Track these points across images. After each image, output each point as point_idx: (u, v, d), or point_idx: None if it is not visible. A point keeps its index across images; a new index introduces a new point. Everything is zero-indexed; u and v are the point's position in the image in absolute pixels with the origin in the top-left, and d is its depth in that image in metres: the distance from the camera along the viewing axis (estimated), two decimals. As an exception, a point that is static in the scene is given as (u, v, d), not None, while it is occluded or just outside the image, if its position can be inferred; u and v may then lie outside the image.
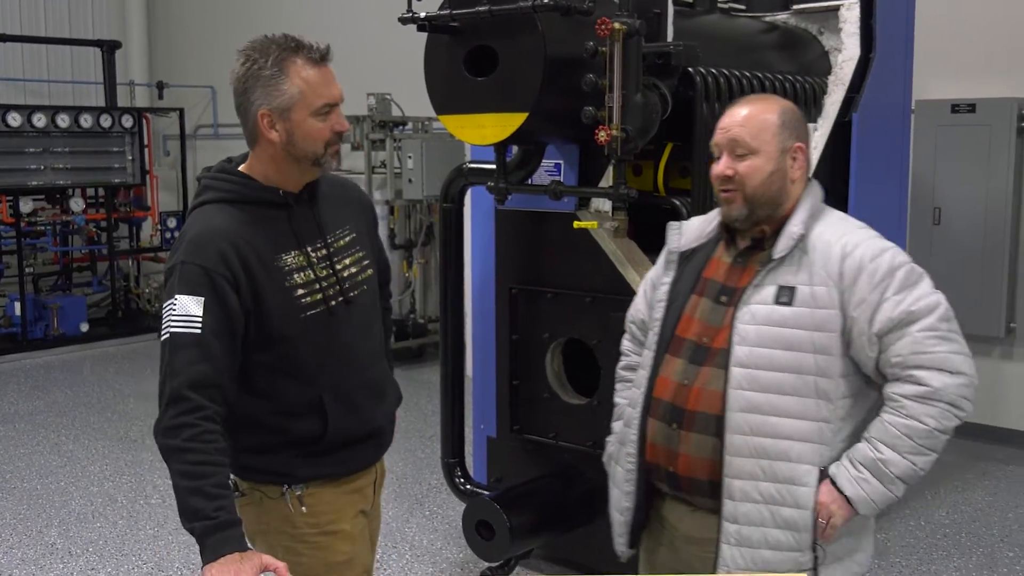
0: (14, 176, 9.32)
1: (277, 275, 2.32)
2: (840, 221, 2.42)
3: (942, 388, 2.21)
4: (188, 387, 2.16)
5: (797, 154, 2.37)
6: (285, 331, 2.32)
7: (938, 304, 2.26)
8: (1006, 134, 6.20)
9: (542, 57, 3.55)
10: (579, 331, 4.26)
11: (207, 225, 2.29)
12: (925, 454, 2.23)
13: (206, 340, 2.19)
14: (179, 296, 2.21)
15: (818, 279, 2.29)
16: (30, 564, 4.81)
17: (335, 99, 2.32)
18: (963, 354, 2.25)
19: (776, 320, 2.29)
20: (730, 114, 2.38)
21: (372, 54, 9.60)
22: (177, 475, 2.16)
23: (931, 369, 2.21)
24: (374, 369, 2.54)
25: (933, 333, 2.22)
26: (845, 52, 4.68)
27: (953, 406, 2.22)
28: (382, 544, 4.98)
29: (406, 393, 2.85)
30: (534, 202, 4.23)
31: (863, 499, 2.24)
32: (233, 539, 2.14)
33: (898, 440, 2.22)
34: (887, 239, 2.43)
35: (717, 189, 2.39)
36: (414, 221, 8.86)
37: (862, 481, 2.23)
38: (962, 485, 5.78)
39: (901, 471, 2.23)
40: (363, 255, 2.53)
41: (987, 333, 6.42)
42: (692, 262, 2.50)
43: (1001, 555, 4.84)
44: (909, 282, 2.27)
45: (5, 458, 6.42)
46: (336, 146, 2.36)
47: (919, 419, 2.21)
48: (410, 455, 6.37)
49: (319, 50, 2.30)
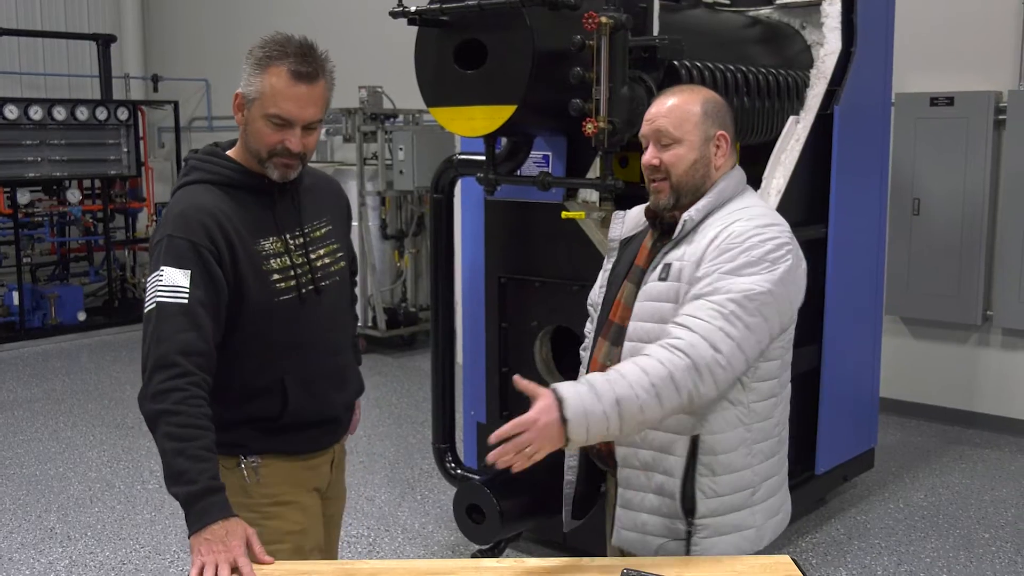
0: (11, 168, 9.29)
1: (256, 258, 2.34)
2: (741, 210, 2.32)
3: (693, 346, 2.09)
4: (177, 353, 2.16)
5: (720, 142, 2.34)
6: (257, 313, 2.34)
7: (746, 289, 2.15)
8: (983, 126, 6.22)
9: (530, 50, 3.55)
10: (566, 319, 4.26)
11: (192, 202, 2.31)
12: (650, 393, 2.06)
13: (193, 309, 2.20)
14: (165, 268, 2.22)
15: (687, 256, 2.27)
16: (30, 548, 4.80)
17: (291, 116, 2.27)
18: (733, 340, 2.12)
19: (653, 295, 2.31)
20: (656, 105, 2.38)
21: (364, 48, 9.57)
22: (164, 438, 2.15)
23: (692, 332, 2.12)
24: (338, 358, 2.56)
25: (717, 308, 2.13)
26: (827, 46, 4.69)
27: (696, 369, 2.09)
28: (374, 527, 5.00)
29: (398, 380, 2.87)
30: (523, 193, 4.23)
31: (574, 401, 2.01)
32: (217, 506, 2.13)
33: (633, 369, 2.09)
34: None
35: (647, 179, 2.39)
36: (405, 212, 8.85)
37: (582, 391, 2.05)
38: (940, 468, 5.81)
39: (622, 395, 2.04)
40: (337, 247, 2.56)
41: (964, 321, 6.46)
42: (629, 249, 2.53)
43: (977, 536, 4.88)
44: (743, 271, 2.18)
45: (4, 445, 6.41)
46: (283, 159, 2.32)
47: (660, 359, 2.09)
48: (402, 440, 6.38)
49: (304, 68, 2.27)
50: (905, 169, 6.50)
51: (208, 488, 2.12)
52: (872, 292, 5.29)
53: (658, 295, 2.30)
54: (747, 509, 2.30)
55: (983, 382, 6.55)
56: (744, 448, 2.28)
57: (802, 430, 4.89)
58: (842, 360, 4.98)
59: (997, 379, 6.49)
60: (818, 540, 4.84)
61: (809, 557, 4.63)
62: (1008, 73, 6.24)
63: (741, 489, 2.29)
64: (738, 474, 2.28)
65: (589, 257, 4.05)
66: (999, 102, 6.23)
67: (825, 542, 4.82)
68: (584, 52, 3.54)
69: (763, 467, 2.32)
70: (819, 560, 4.61)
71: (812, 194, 4.75)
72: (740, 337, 2.13)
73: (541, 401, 2.03)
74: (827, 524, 5.03)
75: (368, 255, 8.66)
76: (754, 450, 2.29)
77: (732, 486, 2.28)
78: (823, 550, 4.73)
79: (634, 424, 2.10)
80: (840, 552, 4.71)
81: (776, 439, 2.36)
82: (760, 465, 2.32)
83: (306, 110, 2.29)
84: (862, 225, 5.05)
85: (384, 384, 7.77)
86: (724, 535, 2.28)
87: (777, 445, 2.37)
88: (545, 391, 2.05)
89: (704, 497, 2.27)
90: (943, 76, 6.43)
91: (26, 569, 4.57)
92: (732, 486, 2.28)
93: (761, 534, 2.33)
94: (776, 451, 2.36)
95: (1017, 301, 6.21)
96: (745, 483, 2.29)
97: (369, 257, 8.67)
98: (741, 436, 2.27)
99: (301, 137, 2.31)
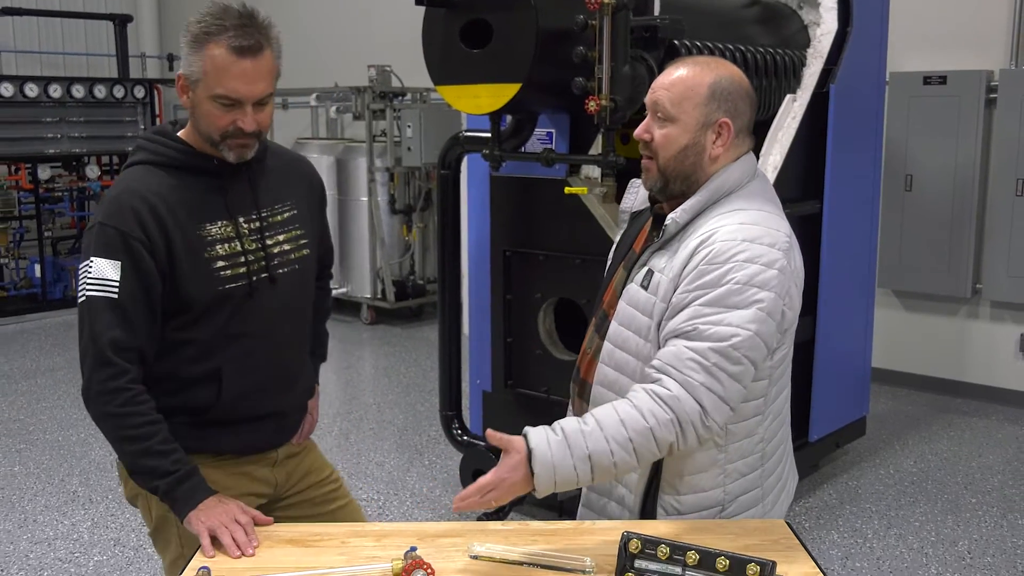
0: (32, 144, 9.27)
1: (197, 244, 2.12)
2: (731, 213, 2.00)
3: (677, 400, 1.89)
4: (110, 350, 2.04)
5: (721, 130, 2.02)
6: (197, 300, 2.13)
7: (729, 336, 1.89)
8: (975, 105, 6.18)
9: (534, 30, 3.53)
10: (569, 291, 4.26)
11: (128, 187, 2.11)
12: (626, 448, 1.88)
13: (123, 304, 2.05)
14: (95, 259, 2.06)
15: (668, 268, 2.01)
16: (53, 511, 4.84)
17: (239, 95, 2.05)
18: (715, 394, 1.90)
19: (633, 300, 2.08)
20: (665, 73, 2.08)
21: (373, 28, 9.52)
22: (120, 441, 2.08)
23: (676, 383, 1.91)
24: (288, 351, 2.32)
25: (699, 360, 1.90)
26: (823, 26, 4.65)
27: (679, 424, 1.89)
28: (384, 491, 5.02)
29: (406, 350, 2.83)
30: (527, 169, 4.22)
31: (543, 454, 1.87)
32: (201, 486, 2.08)
33: (610, 420, 1.90)
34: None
35: (640, 153, 2.11)
36: (413, 187, 8.83)
37: (553, 440, 1.89)
38: (929, 436, 5.82)
39: (595, 449, 1.88)
40: (301, 234, 2.31)
41: (954, 294, 6.45)
42: (635, 225, 2.28)
43: (964, 501, 4.89)
44: (726, 302, 1.91)
45: (29, 411, 6.44)
46: (238, 139, 2.10)
47: (642, 412, 1.89)
48: (410, 408, 6.40)
49: (246, 41, 2.03)
50: (898, 146, 6.47)
51: (186, 473, 2.07)
52: (865, 266, 5.28)
53: (637, 303, 2.07)
54: (708, 467, 2.07)
55: (972, 353, 6.55)
56: (716, 469, 2.06)
57: (796, 398, 4.88)
58: (836, 331, 4.97)
59: (985, 350, 6.48)
60: (811, 504, 4.85)
61: (802, 521, 4.65)
62: (1000, 52, 6.19)
63: (708, 507, 2.08)
64: (705, 494, 2.07)
65: (591, 231, 4.04)
66: (990, 81, 6.18)
67: (818, 506, 4.83)
68: (587, 32, 3.51)
69: (737, 485, 2.09)
70: (812, 524, 4.63)
71: (808, 170, 4.73)
72: (723, 391, 1.91)
73: (510, 458, 1.89)
74: (820, 489, 5.04)
75: (377, 229, 8.65)
76: (728, 470, 2.06)
77: (696, 505, 2.08)
78: (816, 514, 4.75)
79: (607, 477, 1.97)
80: (832, 516, 4.73)
81: (757, 455, 2.10)
82: (733, 484, 2.08)
83: (255, 86, 2.06)
84: (856, 200, 5.03)
85: (393, 354, 7.79)
86: None
87: (759, 461, 2.11)
88: (518, 444, 1.90)
89: (665, 514, 2.09)
90: (936, 55, 6.38)
91: (50, 530, 4.61)
92: (696, 505, 2.08)
93: (727, 492, 2.10)
94: (756, 467, 2.11)
95: (1005, 275, 6.19)
96: (712, 502, 2.08)
97: (378, 231, 8.66)
98: (712, 458, 2.05)
99: (253, 115, 2.08)
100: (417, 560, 1.82)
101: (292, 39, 10.57)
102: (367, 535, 2.07)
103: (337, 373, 7.32)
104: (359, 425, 6.10)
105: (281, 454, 2.38)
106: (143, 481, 2.11)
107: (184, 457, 2.10)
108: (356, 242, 8.86)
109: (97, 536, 4.54)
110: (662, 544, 1.78)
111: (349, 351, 7.99)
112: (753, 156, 2.13)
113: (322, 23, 10.17)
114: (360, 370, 7.56)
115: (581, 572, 1.88)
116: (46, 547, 4.44)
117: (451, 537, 2.04)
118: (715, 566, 1.73)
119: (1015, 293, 6.19)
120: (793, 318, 2.05)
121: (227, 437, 2.24)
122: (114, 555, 4.36)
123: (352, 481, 5.17)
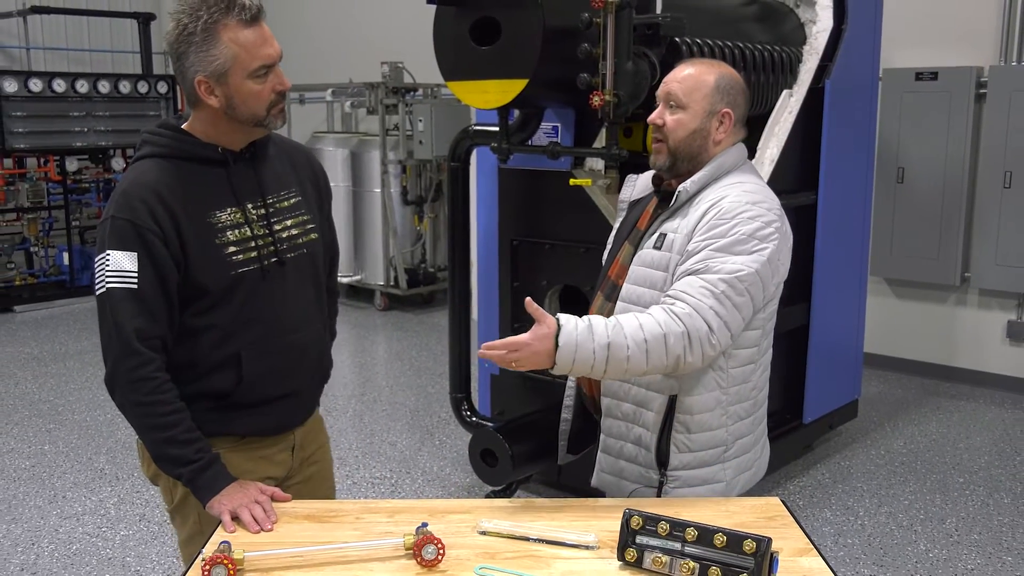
0: (60, 138, 9.28)
1: (207, 231, 2.09)
2: (735, 184, 2.24)
3: (690, 316, 2.07)
4: (135, 339, 2.01)
5: (724, 119, 2.27)
6: (211, 286, 2.09)
7: (735, 271, 2.11)
8: (965, 100, 6.15)
9: (541, 28, 3.51)
10: (574, 278, 4.26)
11: (137, 179, 2.07)
12: (640, 348, 2.05)
13: (143, 293, 2.02)
14: (111, 252, 2.02)
15: (682, 227, 2.22)
16: (81, 487, 4.86)
17: (272, 59, 2.04)
18: (721, 319, 2.09)
19: (647, 261, 2.27)
20: (676, 70, 2.32)
21: (386, 26, 9.50)
22: (145, 429, 2.07)
23: (687, 305, 2.09)
24: (303, 333, 2.26)
25: (709, 287, 2.09)
26: (819, 24, 4.62)
27: (688, 337, 2.07)
28: (396, 470, 5.03)
29: (418, 335, 2.83)
30: (533, 161, 4.21)
31: (569, 333, 2.02)
32: (223, 473, 2.08)
33: (631, 323, 2.07)
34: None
35: (651, 137, 2.33)
36: (424, 179, 8.82)
37: (580, 324, 2.05)
38: (918, 418, 5.81)
39: (614, 341, 2.04)
40: (308, 219, 2.27)
41: (944, 282, 6.43)
42: (635, 211, 2.46)
43: (952, 480, 4.89)
44: (733, 250, 2.13)
45: (58, 393, 6.47)
46: (279, 105, 2.10)
47: (659, 321, 2.07)
48: (421, 391, 6.41)
49: (251, 9, 2.00)
50: (891, 140, 6.44)
51: (208, 462, 2.07)
52: (858, 254, 5.27)
53: (651, 262, 2.26)
54: (718, 464, 2.27)
55: (960, 339, 6.53)
56: (720, 409, 2.24)
57: (791, 381, 4.90)
58: (829, 317, 4.96)
59: (973, 336, 6.47)
60: (805, 483, 4.85)
61: (796, 499, 4.65)
62: (989, 49, 6.16)
63: (713, 446, 2.26)
64: (711, 433, 2.25)
65: (595, 221, 4.04)
66: (980, 77, 6.15)
67: (811, 485, 4.83)
68: (591, 29, 3.49)
69: (737, 427, 2.28)
70: (805, 502, 4.63)
71: (803, 163, 4.72)
72: (727, 316, 2.10)
73: (540, 329, 2.04)
74: (813, 469, 5.04)
75: (390, 219, 8.65)
76: (729, 411, 2.25)
77: (705, 443, 2.25)
78: (809, 492, 4.74)
79: (618, 371, 2.09)
80: (825, 495, 4.72)
81: (752, 402, 2.31)
82: (734, 425, 2.27)
83: (275, 44, 2.06)
84: (849, 192, 5.01)
85: (405, 339, 7.80)
86: (694, 487, 2.26)
87: (752, 407, 2.31)
88: (550, 319, 2.04)
89: (677, 451, 2.25)
90: (928, 52, 6.34)
91: (78, 506, 4.63)
92: (705, 443, 2.25)
93: (730, 488, 2.30)
94: (751, 412, 2.31)
95: (993, 264, 6.17)
96: (718, 441, 2.26)
97: (391, 221, 8.65)
98: (717, 398, 2.23)
99: None
100: (428, 535, 1.83)
101: (308, 37, 10.60)
102: (380, 511, 2.08)
103: (352, 357, 7.33)
104: (373, 407, 6.11)
105: (298, 437, 2.35)
106: (167, 468, 2.10)
107: (206, 446, 2.09)
108: (370, 232, 8.86)
109: (123, 512, 4.56)
110: (662, 521, 1.79)
111: (363, 336, 8.00)
112: (743, 146, 2.36)
113: (337, 22, 10.15)
114: (374, 354, 7.57)
115: (585, 547, 1.88)
116: (75, 522, 4.46)
117: (460, 514, 2.04)
118: (713, 542, 1.73)
119: (1002, 281, 6.17)
120: (784, 274, 2.26)
121: (248, 419, 2.22)
122: (139, 530, 4.38)
123: (366, 460, 5.19)
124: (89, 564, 4.05)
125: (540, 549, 1.88)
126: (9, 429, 5.73)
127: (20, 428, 5.75)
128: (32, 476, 5.01)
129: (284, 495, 2.12)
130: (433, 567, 1.81)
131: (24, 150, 9.09)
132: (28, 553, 4.15)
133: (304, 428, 2.38)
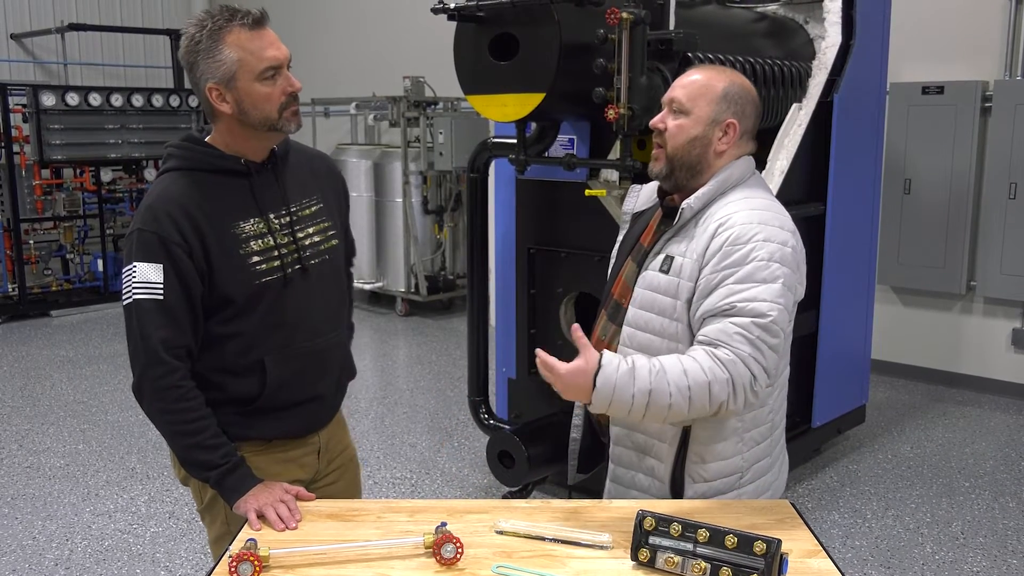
0: (95, 149, 9.34)
1: (231, 242, 2.07)
2: (743, 200, 2.07)
3: (734, 363, 1.92)
4: (162, 349, 2.01)
5: (728, 129, 2.09)
6: (236, 296, 2.08)
7: (765, 313, 1.94)
8: (970, 113, 6.11)
9: (558, 43, 3.51)
10: (589, 286, 4.25)
11: (163, 193, 2.07)
12: (684, 395, 1.91)
13: (169, 304, 2.01)
14: (138, 264, 2.02)
15: (690, 251, 2.05)
16: (113, 486, 4.89)
17: (277, 60, 2.02)
18: (761, 365, 1.95)
19: (653, 285, 2.11)
20: (683, 75, 2.16)
21: (407, 41, 9.53)
22: (173, 435, 2.07)
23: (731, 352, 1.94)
24: (325, 338, 2.25)
25: (744, 333, 1.93)
26: (828, 39, 4.61)
27: (732, 385, 1.92)
28: (416, 471, 5.03)
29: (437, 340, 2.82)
30: (550, 172, 4.21)
31: (610, 375, 1.90)
32: (248, 475, 2.08)
33: (675, 368, 1.92)
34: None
35: (652, 143, 2.17)
36: (444, 189, 8.83)
37: (623, 367, 1.91)
38: (925, 424, 5.76)
39: (656, 388, 1.90)
40: (329, 225, 2.26)
41: (950, 291, 6.38)
42: (639, 223, 2.32)
43: (958, 485, 4.84)
44: (754, 278, 1.96)
45: (91, 394, 6.51)
46: (292, 107, 2.07)
47: (703, 367, 1.92)
48: (441, 394, 6.41)
49: (253, 15, 2.01)
50: (898, 152, 6.40)
51: (234, 465, 2.08)
52: (866, 264, 5.23)
53: (658, 287, 2.10)
54: (734, 492, 2.14)
55: (965, 346, 6.47)
56: (735, 437, 2.11)
57: (801, 387, 4.87)
58: (838, 325, 4.93)
59: (978, 343, 6.41)
60: (814, 486, 4.82)
61: (805, 502, 4.62)
62: (994, 64, 6.11)
63: (729, 474, 2.13)
64: (727, 461, 2.12)
65: (609, 230, 3.99)
66: (985, 91, 6.10)
67: (820, 488, 4.80)
68: (607, 45, 3.49)
69: (753, 452, 2.15)
70: (814, 504, 4.60)
71: (812, 175, 4.69)
72: (766, 361, 1.96)
73: (582, 362, 1.92)
74: (822, 472, 5.01)
75: (411, 228, 8.67)
76: (745, 438, 2.12)
77: (720, 472, 2.12)
78: (818, 495, 4.71)
79: (658, 417, 1.96)
80: (833, 497, 4.69)
81: (768, 424, 2.16)
82: (750, 451, 2.14)
83: (282, 47, 2.05)
84: (857, 203, 4.99)
85: (425, 344, 7.81)
86: None
87: (769, 430, 2.17)
88: (592, 355, 1.92)
89: (692, 482, 2.13)
90: (934, 67, 6.31)
91: (110, 504, 4.65)
92: (720, 472, 2.12)
93: None
94: (767, 435, 2.17)
95: (998, 272, 6.12)
96: (733, 469, 2.13)
97: (412, 230, 8.67)
98: (733, 426, 2.10)
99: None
100: (447, 534, 1.82)
101: (333, 53, 10.64)
102: (401, 511, 2.08)
103: (373, 361, 7.34)
104: (393, 409, 6.12)
105: (323, 439, 2.34)
106: (195, 472, 2.10)
107: (232, 450, 2.09)
108: (391, 240, 8.88)
109: (153, 509, 4.58)
110: (675, 522, 1.78)
111: (385, 341, 8.01)
112: (752, 158, 2.19)
113: (361, 38, 10.19)
114: (395, 358, 7.57)
115: (599, 547, 1.87)
116: (107, 519, 4.48)
117: (478, 514, 2.04)
118: (724, 543, 1.72)
119: (1007, 290, 6.12)
120: (801, 293, 2.10)
121: (273, 423, 2.21)
122: (169, 527, 4.40)
123: (387, 461, 5.19)
124: (120, 560, 4.07)
125: (556, 549, 1.88)
126: (45, 429, 5.77)
127: (55, 428, 5.79)
128: (66, 474, 5.04)
129: (308, 494, 2.12)
130: (452, 565, 1.80)
131: (61, 161, 9.17)
132: (62, 548, 4.17)
133: (328, 430, 2.38)
